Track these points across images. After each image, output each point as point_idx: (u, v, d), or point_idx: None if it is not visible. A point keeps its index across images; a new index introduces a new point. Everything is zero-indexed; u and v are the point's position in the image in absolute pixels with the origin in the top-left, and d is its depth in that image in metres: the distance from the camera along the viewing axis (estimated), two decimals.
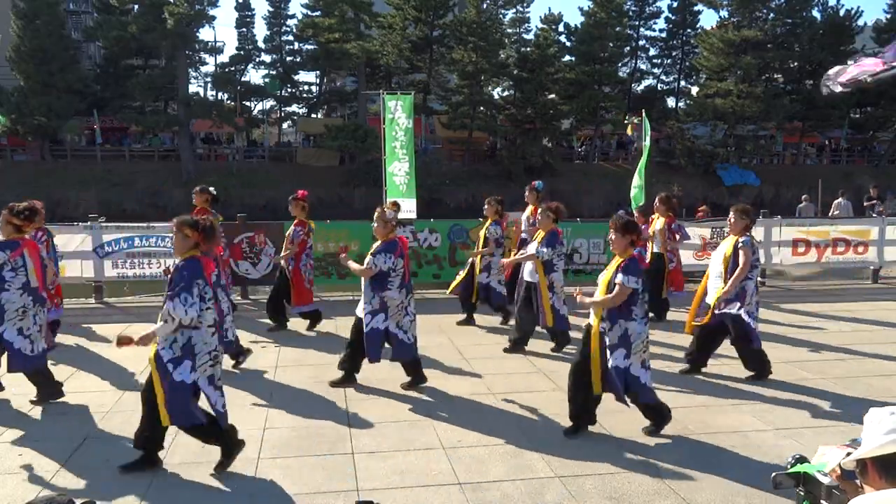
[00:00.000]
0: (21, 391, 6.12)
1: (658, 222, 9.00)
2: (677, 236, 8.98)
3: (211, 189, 8.25)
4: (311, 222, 8.32)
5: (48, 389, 5.87)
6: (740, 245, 6.41)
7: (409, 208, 10.75)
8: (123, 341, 4.33)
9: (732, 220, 6.59)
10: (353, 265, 6.12)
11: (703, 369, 6.76)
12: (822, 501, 2.12)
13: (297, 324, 8.55)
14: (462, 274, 8.77)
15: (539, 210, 7.63)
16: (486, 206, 8.52)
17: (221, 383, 4.60)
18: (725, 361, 6.87)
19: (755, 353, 6.58)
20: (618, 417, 5.49)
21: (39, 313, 5.78)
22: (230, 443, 4.63)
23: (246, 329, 8.50)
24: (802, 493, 2.19)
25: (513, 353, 7.45)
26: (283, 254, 8.24)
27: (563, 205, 7.55)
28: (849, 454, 1.93)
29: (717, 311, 6.46)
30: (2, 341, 5.58)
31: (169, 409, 4.37)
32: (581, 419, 5.26)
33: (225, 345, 5.24)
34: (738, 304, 6.37)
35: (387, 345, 6.10)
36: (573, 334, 7.52)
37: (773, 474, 2.23)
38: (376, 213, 6.09)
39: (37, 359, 5.77)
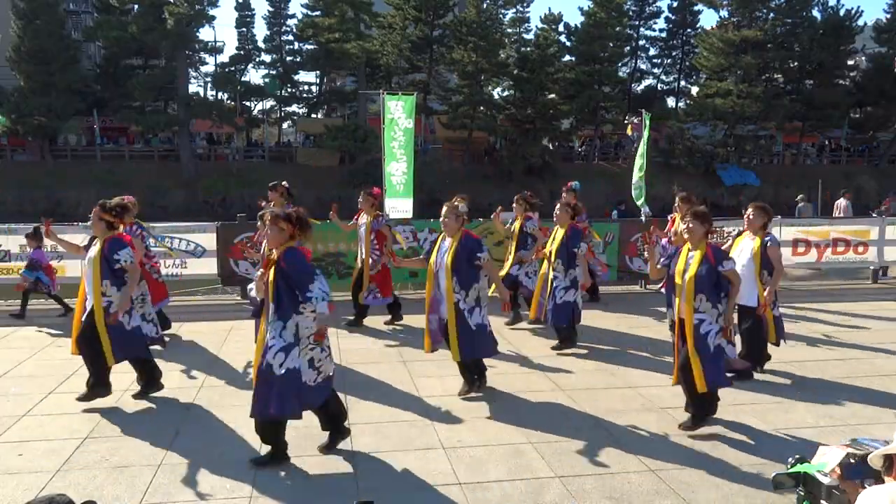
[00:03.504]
0: (21, 391, 6.13)
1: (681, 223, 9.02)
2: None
3: (284, 183, 8.17)
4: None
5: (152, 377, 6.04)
6: (769, 244, 6.44)
7: (405, 208, 10.75)
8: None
9: (752, 216, 6.54)
10: (497, 281, 5.98)
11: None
12: (822, 501, 2.12)
13: None
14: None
15: (558, 206, 7.60)
16: (514, 205, 8.59)
17: (322, 364, 4.63)
18: None
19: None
20: (618, 417, 5.49)
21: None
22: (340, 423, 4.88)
23: (247, 328, 8.50)
24: (802, 493, 2.19)
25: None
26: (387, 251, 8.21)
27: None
28: (848, 454, 1.92)
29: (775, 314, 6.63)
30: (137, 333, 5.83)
31: (278, 399, 4.49)
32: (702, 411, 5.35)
33: None
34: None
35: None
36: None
37: (773, 474, 2.23)
38: (448, 208, 5.92)
39: (157, 341, 6.23)
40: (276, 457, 4.69)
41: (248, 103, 40.74)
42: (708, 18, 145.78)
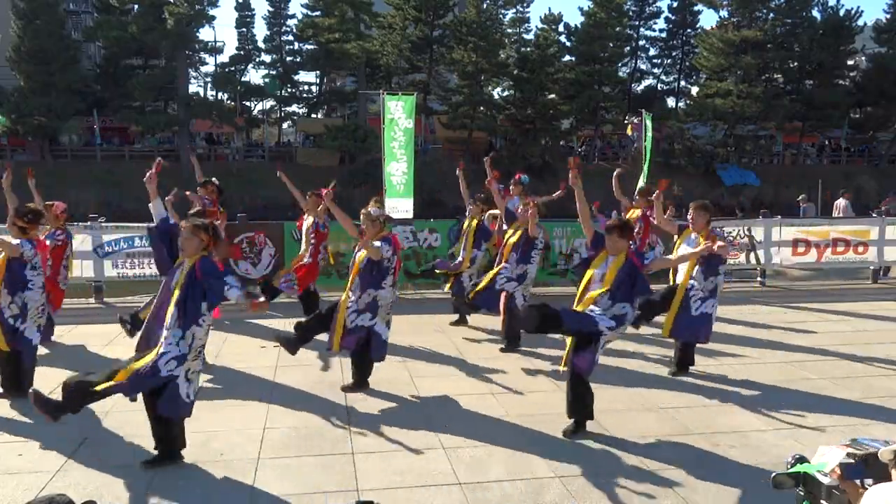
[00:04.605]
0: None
1: (634, 213, 9.08)
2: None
3: (214, 180, 8.24)
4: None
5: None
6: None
7: (406, 208, 10.74)
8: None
9: (692, 217, 6.47)
10: (367, 244, 5.81)
11: (695, 369, 6.74)
12: (822, 501, 2.11)
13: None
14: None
15: (520, 205, 7.57)
16: (470, 207, 8.48)
17: (193, 377, 4.62)
18: (725, 361, 6.88)
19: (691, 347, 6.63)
20: (618, 417, 5.50)
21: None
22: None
23: (247, 329, 8.50)
24: (802, 493, 2.19)
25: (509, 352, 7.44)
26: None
27: (563, 205, 7.60)
28: (848, 454, 1.92)
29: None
30: (22, 339, 5.77)
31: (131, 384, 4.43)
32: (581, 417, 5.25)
33: None
34: (712, 302, 6.38)
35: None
36: None
37: (773, 474, 2.22)
38: (362, 215, 6.11)
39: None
40: (166, 457, 4.65)
41: (248, 103, 40.72)
42: (708, 18, 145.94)
